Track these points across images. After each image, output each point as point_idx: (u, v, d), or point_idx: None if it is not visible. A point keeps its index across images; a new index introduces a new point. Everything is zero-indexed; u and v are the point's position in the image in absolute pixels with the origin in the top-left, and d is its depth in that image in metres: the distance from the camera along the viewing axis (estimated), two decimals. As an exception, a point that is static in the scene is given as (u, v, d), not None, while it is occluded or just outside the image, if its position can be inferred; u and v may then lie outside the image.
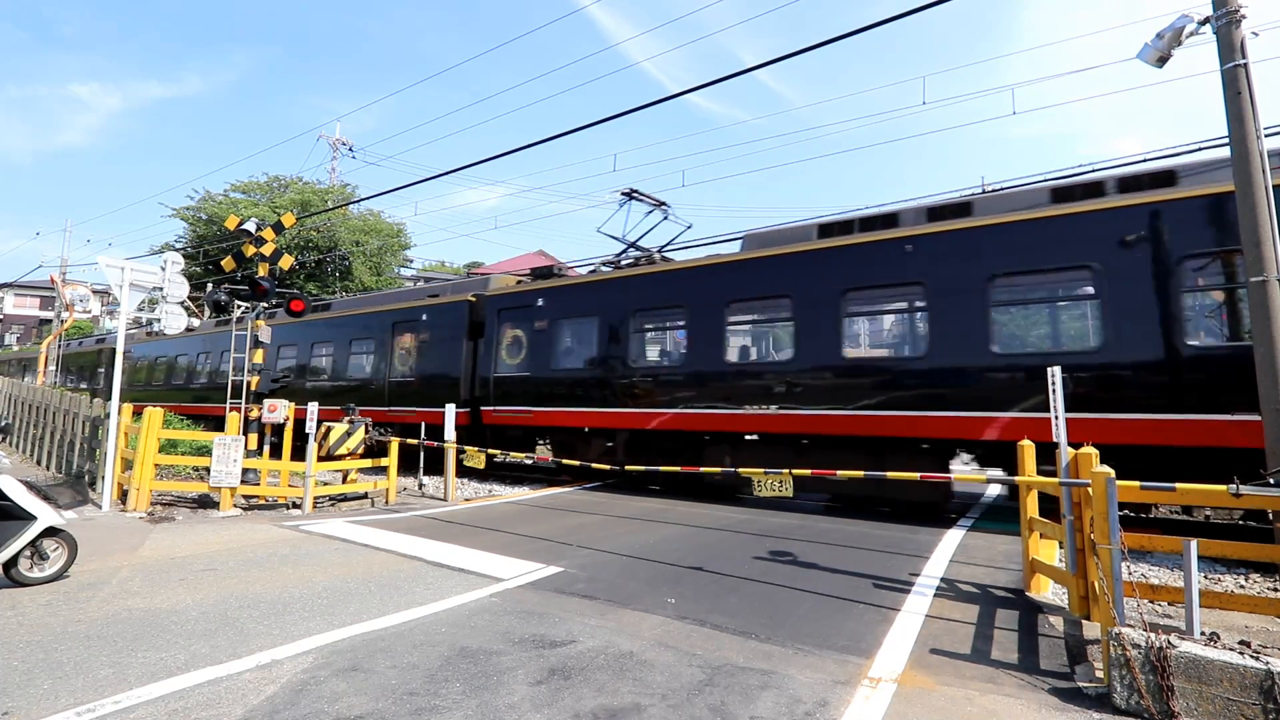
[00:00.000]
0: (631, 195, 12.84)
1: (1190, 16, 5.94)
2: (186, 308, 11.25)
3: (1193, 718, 3.03)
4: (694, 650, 3.88)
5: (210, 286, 19.27)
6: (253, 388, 10.55)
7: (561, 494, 10.77)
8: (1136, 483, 4.17)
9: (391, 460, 9.94)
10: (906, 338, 8.99)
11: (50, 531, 5.01)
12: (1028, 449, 5.38)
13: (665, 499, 10.14)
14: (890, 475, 5.73)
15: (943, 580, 5.54)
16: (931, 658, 3.85)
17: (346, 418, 9.94)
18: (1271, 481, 4.39)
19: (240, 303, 11.28)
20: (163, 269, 9.44)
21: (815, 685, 3.42)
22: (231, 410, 9.60)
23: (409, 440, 10.83)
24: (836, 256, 9.23)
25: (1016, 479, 5.26)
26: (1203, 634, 3.41)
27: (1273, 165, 5.93)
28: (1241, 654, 3.07)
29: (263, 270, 10.66)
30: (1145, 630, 3.25)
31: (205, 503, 8.98)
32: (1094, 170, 9.04)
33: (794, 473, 6.36)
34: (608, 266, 12.71)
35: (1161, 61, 6.09)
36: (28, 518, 4.86)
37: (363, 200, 30.33)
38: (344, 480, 10.21)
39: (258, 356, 10.79)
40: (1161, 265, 7.03)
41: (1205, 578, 5.91)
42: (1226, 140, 5.87)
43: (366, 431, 9.98)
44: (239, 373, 10.76)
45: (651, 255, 12.18)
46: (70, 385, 26.11)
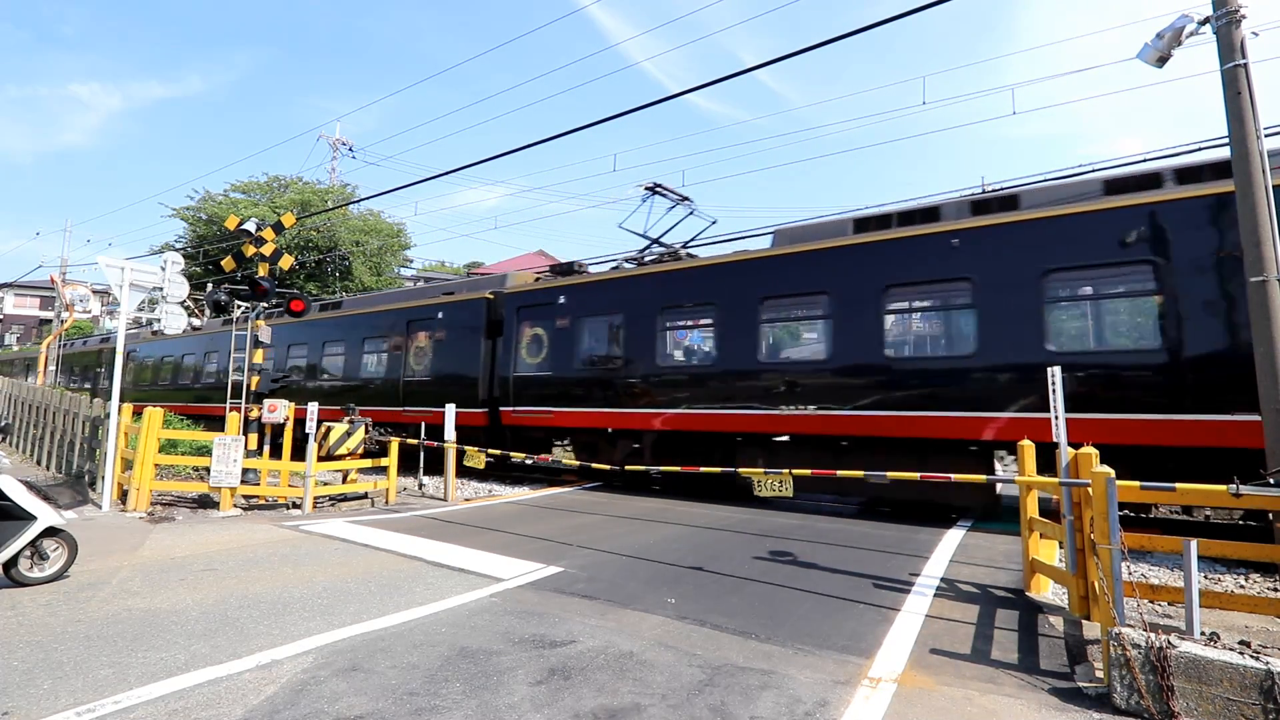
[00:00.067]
0: (655, 190, 12.51)
1: (1190, 16, 5.94)
2: (186, 308, 11.26)
3: (1193, 718, 3.03)
4: (694, 650, 3.88)
5: (210, 286, 19.28)
6: (253, 388, 10.55)
7: (562, 494, 10.77)
8: (1136, 483, 4.18)
9: (391, 460, 9.95)
10: (953, 336, 8.60)
11: (50, 531, 5.01)
12: (1027, 449, 5.38)
13: (665, 499, 10.14)
14: (890, 475, 5.73)
15: (943, 580, 5.54)
16: (931, 658, 3.85)
17: (346, 418, 9.95)
18: (1271, 481, 4.39)
19: (240, 303, 11.28)
20: (163, 269, 9.44)
21: (815, 685, 3.42)
22: (231, 410, 9.60)
23: (410, 440, 10.74)
24: (877, 251, 8.91)
25: (1016, 479, 5.25)
26: (1203, 634, 3.41)
27: (1273, 165, 5.92)
28: (1241, 654, 3.07)
29: (263, 270, 10.66)
30: (1145, 630, 3.25)
31: (205, 503, 8.98)
32: (1094, 170, 9.04)
33: (794, 473, 6.36)
34: (630, 263, 12.43)
35: (1161, 61, 6.10)
36: (28, 518, 4.86)
37: (363, 200, 30.39)
38: (344, 480, 10.21)
39: (258, 356, 10.79)
40: (1233, 259, 6.48)
41: (1205, 578, 5.92)
42: (1226, 140, 5.87)
43: (366, 431, 9.98)
44: (254, 372, 10.73)
45: (676, 251, 11.88)
46: (74, 385, 26.09)
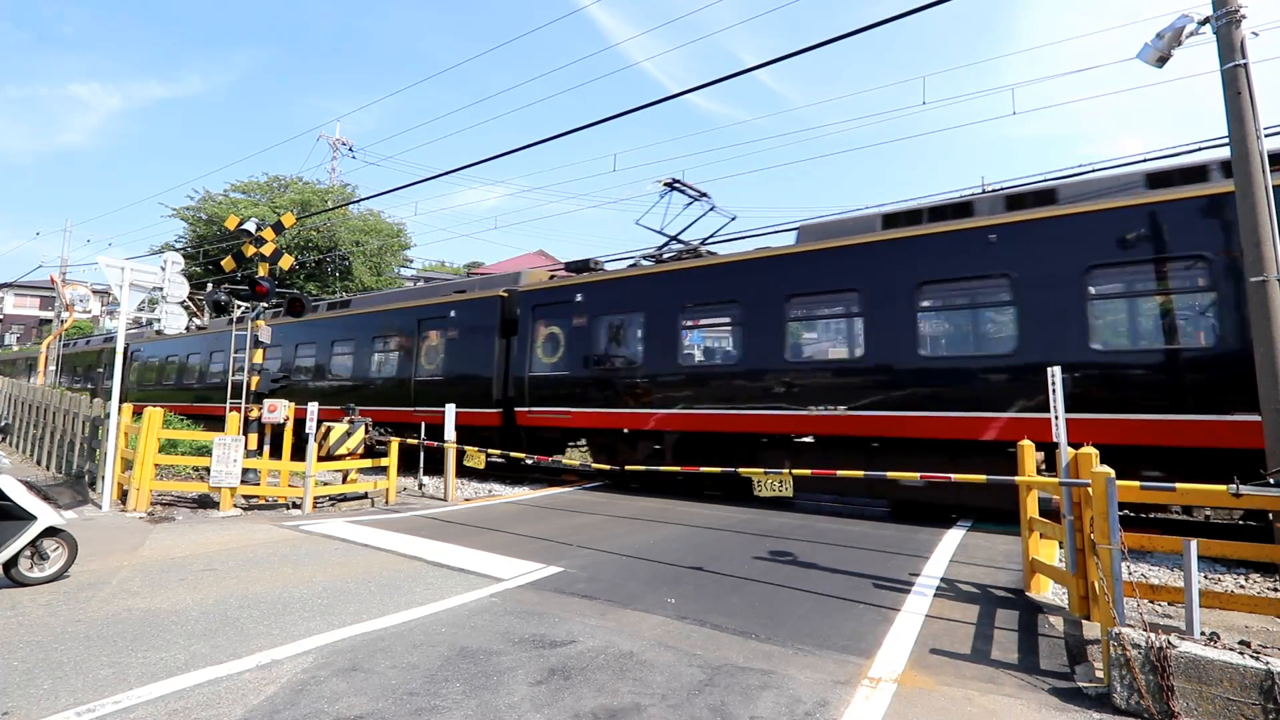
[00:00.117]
0: (674, 186, 12.25)
1: (1190, 16, 5.95)
2: (186, 308, 11.26)
3: (1193, 718, 3.03)
4: (694, 650, 3.88)
5: (210, 286, 19.27)
6: (253, 387, 10.55)
7: (562, 494, 10.77)
8: (1136, 483, 4.18)
9: (391, 460, 9.94)
10: (991, 334, 8.38)
11: (50, 531, 5.01)
12: (1027, 449, 5.38)
13: (665, 499, 10.13)
14: (890, 475, 5.74)
15: (943, 580, 5.54)
16: (931, 658, 3.85)
17: (346, 418, 9.95)
18: (1271, 481, 4.39)
19: (240, 303, 11.28)
20: (163, 269, 9.44)
21: (815, 685, 3.42)
22: (231, 410, 9.60)
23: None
24: (910, 247, 8.66)
25: (1016, 479, 5.25)
26: (1203, 634, 3.41)
27: (1273, 165, 5.91)
28: (1241, 654, 3.07)
29: (263, 270, 10.66)
30: (1145, 630, 3.25)
31: (205, 503, 8.98)
32: (1094, 169, 9.04)
33: (794, 472, 6.36)
34: (648, 260, 12.17)
35: (1161, 61, 6.10)
36: (28, 518, 4.86)
37: (363, 200, 30.40)
38: (344, 480, 10.21)
39: (258, 356, 10.79)
40: None
41: (1205, 578, 5.91)
42: (1226, 140, 5.88)
43: (366, 431, 9.98)
44: (254, 372, 10.72)
45: (696, 249, 11.67)
46: (76, 385, 26.04)
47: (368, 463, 9.90)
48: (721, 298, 10.33)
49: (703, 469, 7.71)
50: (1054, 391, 4.87)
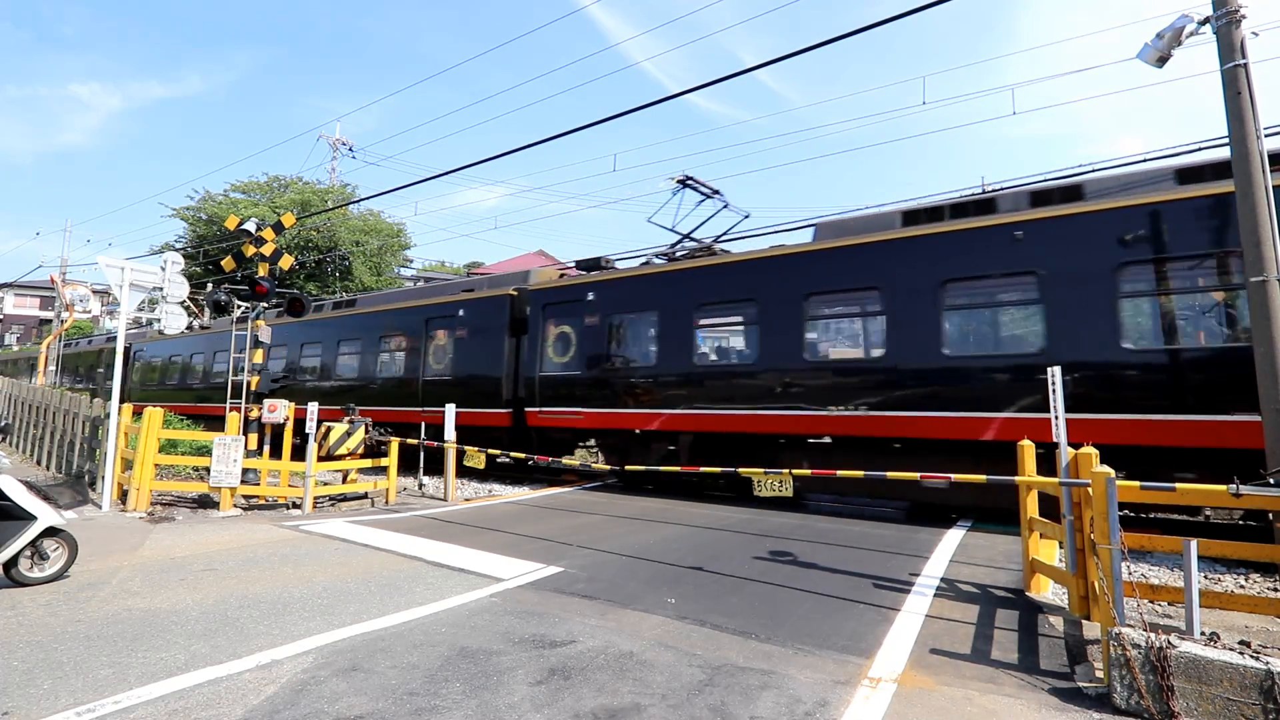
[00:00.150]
0: (686, 183, 12.05)
1: (1190, 16, 5.95)
2: (186, 308, 11.26)
3: (1193, 718, 3.03)
4: (694, 650, 3.88)
5: (210, 286, 19.26)
6: (253, 387, 10.55)
7: (562, 494, 10.77)
8: (1136, 483, 4.18)
9: (391, 460, 9.95)
10: (1018, 333, 8.17)
11: (50, 531, 5.01)
12: (1027, 449, 5.38)
13: (665, 499, 10.13)
14: (890, 475, 5.73)
15: (943, 580, 5.54)
16: (931, 658, 3.85)
17: (346, 418, 9.94)
18: (1271, 481, 4.39)
19: (240, 303, 11.28)
20: (163, 269, 9.44)
21: (815, 685, 3.42)
22: (231, 410, 9.60)
23: (430, 443, 10.58)
24: (933, 244, 8.46)
25: (1016, 479, 5.25)
26: (1203, 634, 3.41)
27: (1273, 165, 5.91)
28: (1241, 654, 3.07)
29: (263, 270, 10.66)
30: (1145, 630, 3.25)
31: (205, 503, 8.98)
32: (1094, 169, 9.03)
33: (795, 473, 6.37)
34: (661, 258, 11.99)
35: (1161, 61, 6.10)
36: (28, 518, 4.86)
37: (363, 200, 30.42)
38: (344, 480, 10.21)
39: (258, 356, 10.79)
40: None
41: (1205, 578, 5.92)
42: (1226, 140, 5.88)
43: (366, 431, 9.98)
44: (254, 372, 10.72)
45: (710, 247, 11.52)
46: (79, 386, 25.96)
47: (368, 463, 9.90)
48: (738, 296, 10.12)
49: (702, 469, 7.70)
50: (1054, 391, 4.87)
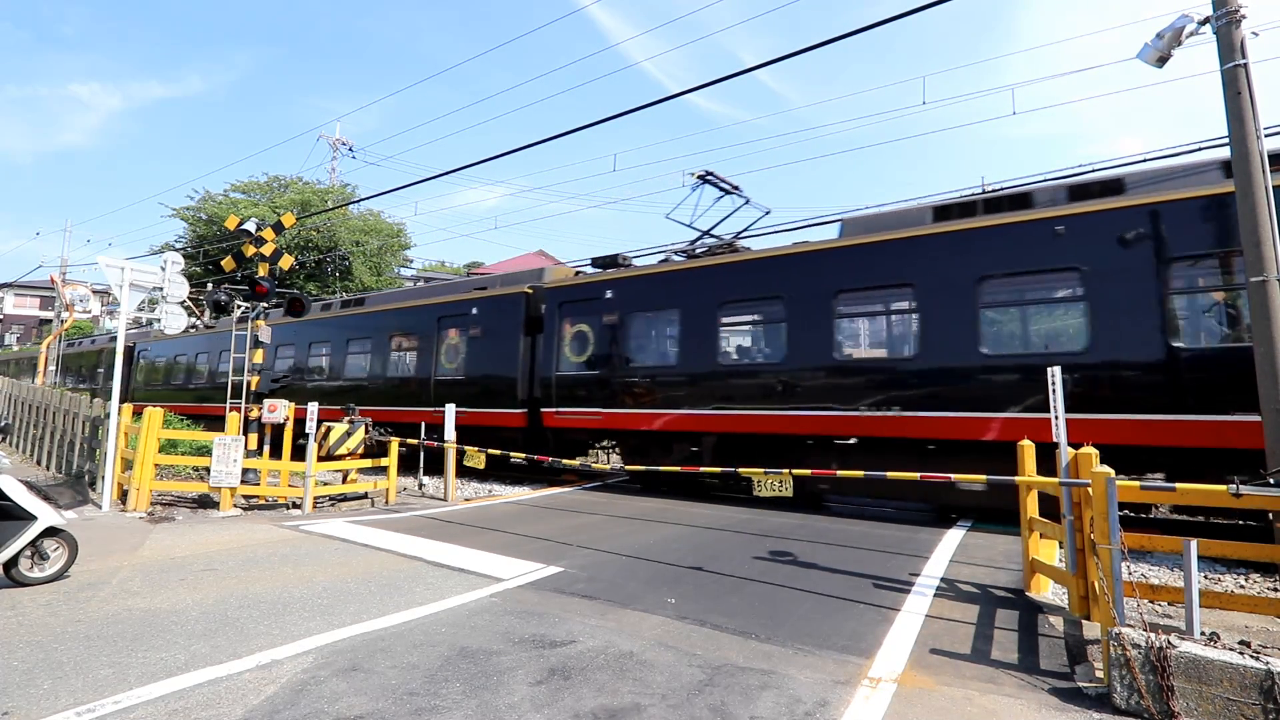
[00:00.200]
0: (706, 179, 11.76)
1: (1190, 16, 5.94)
2: (186, 308, 11.25)
3: (1193, 718, 3.03)
4: (694, 650, 3.88)
5: (210, 286, 19.24)
6: (253, 387, 10.55)
7: (562, 494, 10.77)
8: (1136, 483, 4.18)
9: (391, 460, 9.95)
10: (1060, 331, 7.91)
11: (51, 531, 5.01)
12: (1027, 449, 5.38)
13: (665, 499, 10.13)
14: (890, 475, 5.73)
15: (943, 580, 5.54)
16: (931, 658, 3.85)
17: (346, 418, 9.94)
18: (1271, 481, 4.39)
19: (240, 303, 11.27)
20: (163, 269, 9.45)
21: (815, 685, 3.42)
22: (231, 410, 9.60)
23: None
24: (970, 240, 8.19)
25: (1016, 479, 5.25)
26: (1203, 634, 3.41)
27: (1273, 165, 5.90)
28: (1241, 654, 3.07)
29: (263, 270, 10.66)
30: (1145, 630, 3.25)
31: (205, 503, 8.98)
32: (1094, 169, 9.03)
33: (794, 473, 6.36)
34: (680, 255, 11.69)
35: (1161, 61, 6.09)
36: (28, 518, 4.86)
37: (363, 200, 30.42)
38: (344, 480, 10.21)
39: (258, 356, 10.79)
40: None
41: (1205, 578, 5.92)
42: (1226, 140, 5.87)
43: (366, 431, 9.98)
44: (254, 372, 10.71)
45: (732, 243, 11.33)
46: (82, 386, 25.86)
47: (368, 463, 9.90)
48: (764, 293, 9.86)
49: (702, 469, 7.69)
50: (1054, 391, 4.87)
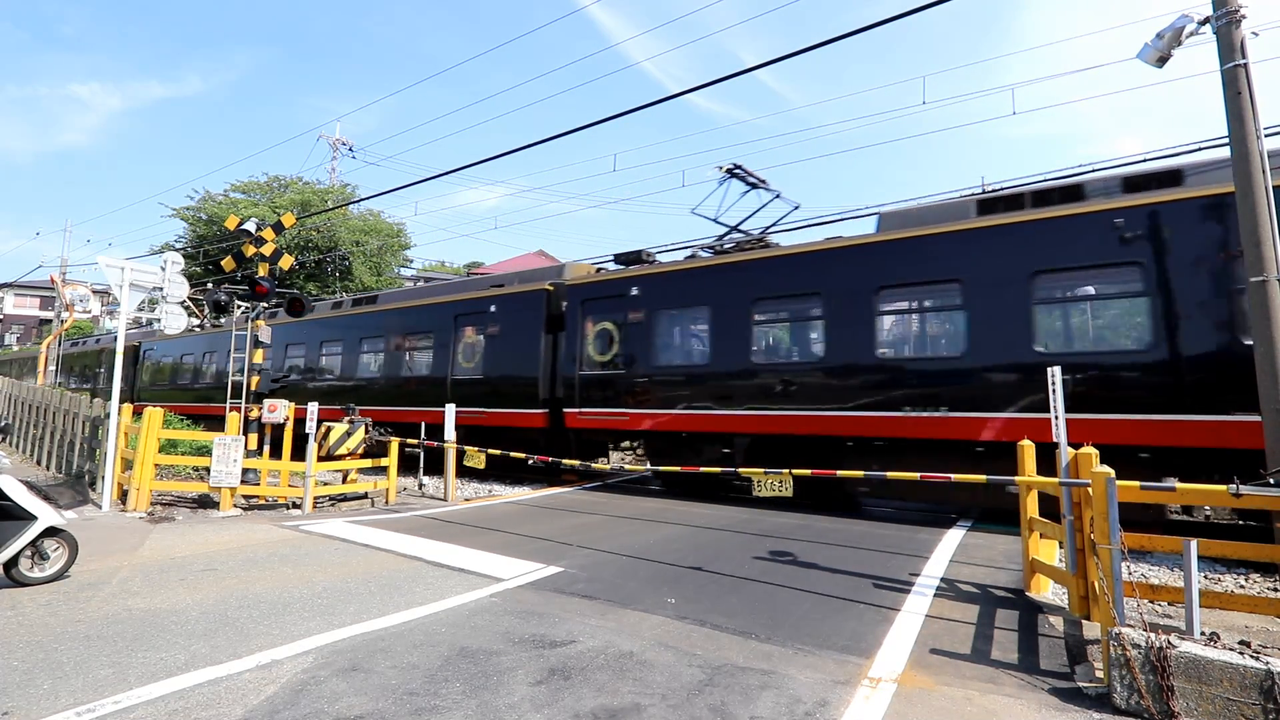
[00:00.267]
0: (733, 173, 11.56)
1: (1190, 16, 5.94)
2: (186, 308, 11.26)
3: (1193, 718, 3.03)
4: (694, 650, 3.88)
5: (210, 286, 19.23)
6: (253, 387, 10.56)
7: (562, 494, 10.77)
8: (1136, 483, 4.18)
9: (391, 460, 9.95)
10: (1121, 328, 7.56)
11: (51, 531, 5.01)
12: (1027, 449, 5.38)
13: (665, 499, 10.13)
14: (890, 475, 5.73)
15: (943, 580, 5.54)
16: (931, 658, 3.85)
17: (346, 418, 9.95)
18: (1271, 481, 4.39)
19: (240, 303, 11.27)
20: (163, 269, 9.45)
21: (815, 685, 3.42)
22: (231, 410, 9.60)
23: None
24: (1021, 233, 7.89)
25: (1016, 479, 5.25)
26: (1203, 634, 3.41)
27: (1273, 165, 5.90)
28: (1241, 654, 3.07)
29: (263, 270, 10.66)
30: (1145, 630, 3.25)
31: (205, 503, 8.98)
32: (1094, 169, 9.03)
33: (794, 473, 6.36)
34: (706, 251, 11.44)
35: (1161, 61, 6.10)
36: (28, 518, 4.86)
37: (363, 200, 30.44)
38: (344, 480, 10.21)
39: (258, 356, 10.80)
40: None
41: (1205, 578, 5.92)
42: (1226, 140, 5.87)
43: (366, 431, 9.99)
44: (254, 372, 10.71)
45: (764, 238, 11.04)
46: (85, 386, 25.74)
47: (368, 463, 9.90)
48: (801, 290, 9.55)
49: (702, 469, 7.68)
50: (1054, 391, 4.87)
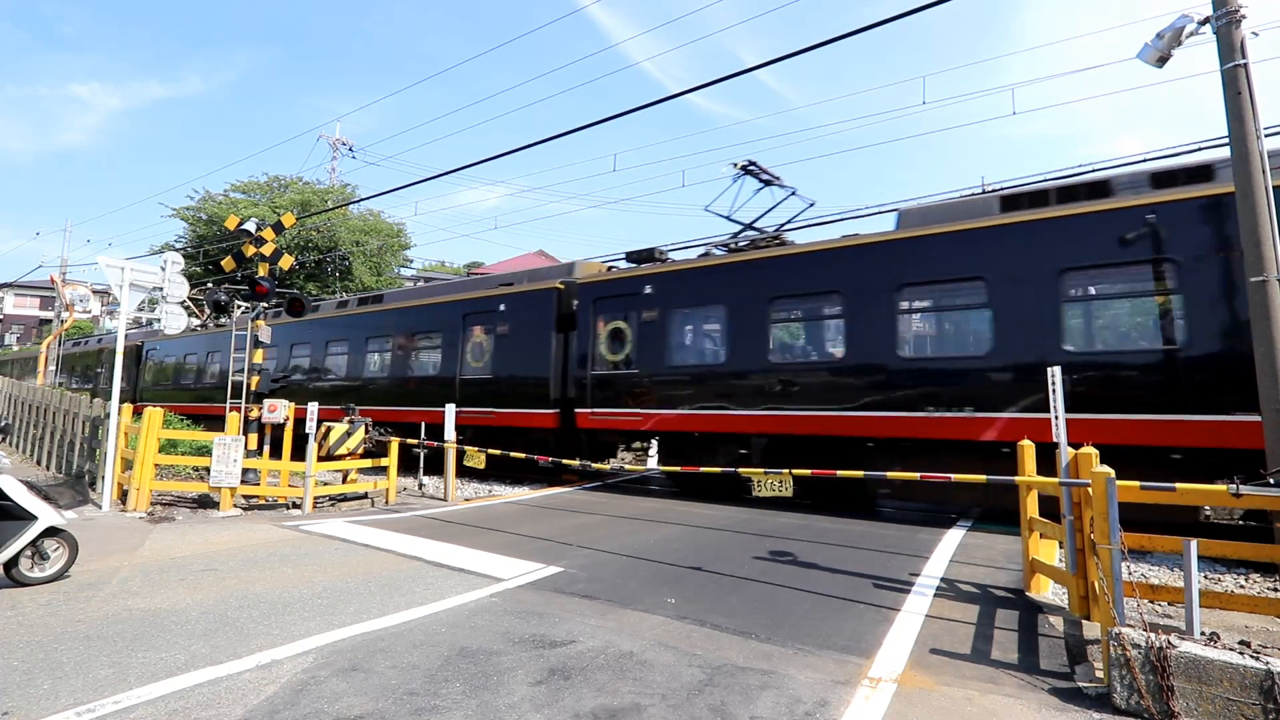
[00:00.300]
0: (748, 169, 11.41)
1: (1190, 16, 5.95)
2: (186, 308, 11.26)
3: (1193, 718, 3.03)
4: (694, 650, 3.88)
5: (210, 286, 19.21)
6: (253, 388, 10.56)
7: (561, 494, 10.77)
8: (1136, 483, 4.17)
9: (391, 460, 9.95)
10: (1153, 327, 7.39)
11: (51, 531, 5.01)
12: (1027, 449, 5.37)
13: (665, 499, 10.13)
14: (890, 475, 5.73)
15: (943, 580, 5.54)
16: (931, 658, 3.85)
17: (346, 418, 9.95)
18: (1271, 481, 4.39)
19: (240, 303, 11.27)
20: (163, 269, 9.45)
21: (815, 685, 3.42)
22: (231, 410, 9.60)
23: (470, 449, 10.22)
24: (1049, 230, 7.75)
25: (1016, 479, 5.25)
26: (1203, 634, 3.41)
27: (1273, 165, 5.90)
28: (1241, 654, 3.07)
29: (263, 270, 10.66)
30: (1145, 630, 3.25)
31: (205, 503, 8.98)
32: (1094, 169, 9.03)
33: (794, 473, 6.36)
34: (720, 249, 11.32)
35: (1161, 61, 6.10)
36: (28, 518, 4.86)
37: (363, 200, 30.43)
38: (344, 480, 10.21)
39: (258, 356, 10.80)
40: None
41: (1205, 578, 5.92)
42: (1226, 140, 5.88)
43: (366, 431, 9.99)
44: (254, 372, 10.72)
45: (779, 236, 10.91)
46: (88, 387, 25.69)
47: (368, 463, 9.90)
48: (819, 288, 9.43)
49: (702, 469, 7.67)
50: (1053, 391, 4.87)
